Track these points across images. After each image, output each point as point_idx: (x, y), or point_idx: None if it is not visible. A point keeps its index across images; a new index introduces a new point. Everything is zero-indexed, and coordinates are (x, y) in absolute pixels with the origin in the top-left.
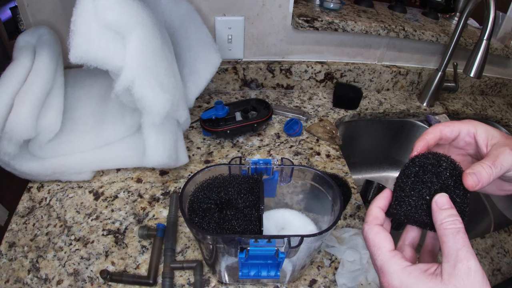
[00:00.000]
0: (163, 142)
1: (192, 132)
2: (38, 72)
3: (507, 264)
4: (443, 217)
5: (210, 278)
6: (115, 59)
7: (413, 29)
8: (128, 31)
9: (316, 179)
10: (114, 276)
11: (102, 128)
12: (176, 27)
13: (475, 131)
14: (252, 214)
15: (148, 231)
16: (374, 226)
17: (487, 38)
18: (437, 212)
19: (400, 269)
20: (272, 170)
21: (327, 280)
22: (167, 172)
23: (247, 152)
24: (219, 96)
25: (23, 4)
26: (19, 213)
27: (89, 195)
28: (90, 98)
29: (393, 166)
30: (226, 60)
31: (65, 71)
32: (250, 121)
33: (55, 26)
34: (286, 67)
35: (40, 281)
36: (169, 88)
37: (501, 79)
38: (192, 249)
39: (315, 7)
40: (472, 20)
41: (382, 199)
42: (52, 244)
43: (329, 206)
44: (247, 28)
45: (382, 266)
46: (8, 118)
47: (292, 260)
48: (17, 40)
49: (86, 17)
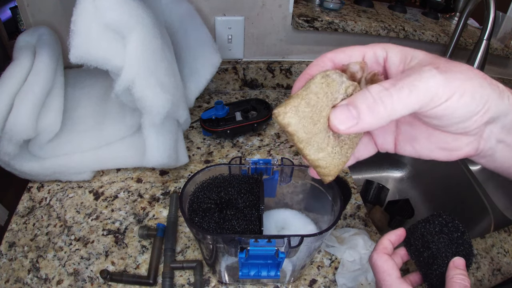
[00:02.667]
0: (163, 142)
1: (192, 132)
2: (38, 72)
3: (507, 264)
4: (455, 273)
5: (210, 278)
6: (115, 59)
7: (413, 29)
8: (128, 31)
9: (316, 179)
10: (114, 276)
11: (102, 128)
12: (176, 27)
13: (384, 55)
14: (252, 214)
15: (148, 231)
16: (383, 254)
17: (487, 38)
18: (452, 269)
19: None
20: (272, 170)
21: (327, 280)
22: (167, 172)
23: (247, 152)
24: (219, 96)
25: (23, 4)
26: (19, 213)
27: (89, 195)
28: (90, 98)
29: (393, 166)
30: (226, 60)
31: (65, 71)
32: (250, 121)
33: (55, 26)
34: (286, 67)
35: (40, 281)
36: (169, 88)
37: (501, 79)
38: (192, 249)
39: (315, 7)
40: (472, 20)
41: (394, 235)
42: (52, 244)
43: (329, 206)
44: (247, 28)
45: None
46: (8, 118)
47: (292, 260)
48: (17, 40)
49: (86, 17)
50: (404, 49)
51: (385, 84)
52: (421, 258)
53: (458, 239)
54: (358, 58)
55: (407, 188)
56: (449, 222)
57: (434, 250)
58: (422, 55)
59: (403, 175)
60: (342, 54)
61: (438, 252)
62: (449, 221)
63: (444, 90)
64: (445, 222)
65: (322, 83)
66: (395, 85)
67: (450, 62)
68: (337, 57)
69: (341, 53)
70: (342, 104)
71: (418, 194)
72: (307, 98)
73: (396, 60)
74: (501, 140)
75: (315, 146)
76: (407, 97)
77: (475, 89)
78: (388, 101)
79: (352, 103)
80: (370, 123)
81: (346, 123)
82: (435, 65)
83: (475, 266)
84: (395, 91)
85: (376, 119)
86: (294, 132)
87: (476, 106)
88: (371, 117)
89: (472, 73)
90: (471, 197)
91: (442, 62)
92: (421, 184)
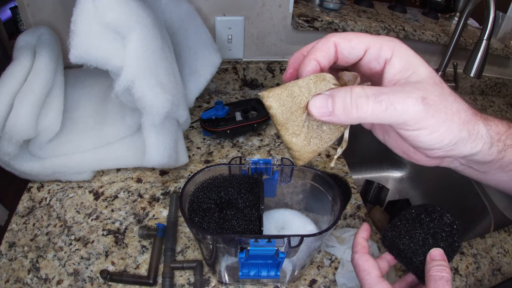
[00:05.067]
0: (163, 142)
1: (192, 132)
2: (38, 72)
3: (507, 264)
4: (431, 266)
5: (210, 278)
6: (115, 59)
7: (413, 29)
8: (128, 31)
9: (316, 179)
10: (114, 276)
11: (102, 128)
12: (176, 27)
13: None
14: (252, 214)
15: (148, 231)
16: (363, 254)
17: (487, 38)
18: (429, 263)
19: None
20: (272, 170)
21: (327, 280)
22: (167, 172)
23: (247, 152)
24: (219, 96)
25: (23, 4)
26: (19, 213)
27: (89, 195)
28: (90, 98)
29: (393, 166)
30: (226, 60)
31: (65, 71)
32: (250, 121)
33: (55, 26)
34: (286, 67)
35: (40, 281)
36: (169, 88)
37: (501, 79)
38: (192, 249)
39: (315, 7)
40: (472, 20)
41: (364, 232)
42: (52, 244)
43: (329, 206)
44: (247, 28)
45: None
46: (8, 118)
47: (292, 260)
48: (17, 40)
49: (86, 17)
50: (411, 59)
51: (368, 91)
52: (403, 260)
53: (437, 227)
54: (360, 52)
55: (407, 188)
56: (421, 214)
57: (408, 252)
58: (425, 76)
59: (403, 175)
60: (347, 44)
61: (413, 252)
62: (421, 212)
63: (419, 122)
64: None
65: (311, 80)
66: (376, 97)
67: (444, 96)
68: (340, 45)
69: (346, 41)
70: (325, 93)
71: (418, 194)
72: (290, 90)
73: (397, 67)
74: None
75: (290, 130)
76: (381, 112)
77: (450, 131)
78: (363, 108)
79: (332, 96)
80: (340, 120)
81: (319, 110)
82: (425, 96)
83: (475, 266)
84: (373, 102)
85: (346, 118)
86: (274, 114)
87: (441, 144)
88: (342, 115)
89: (457, 117)
90: (471, 197)
91: (436, 94)
92: (421, 184)
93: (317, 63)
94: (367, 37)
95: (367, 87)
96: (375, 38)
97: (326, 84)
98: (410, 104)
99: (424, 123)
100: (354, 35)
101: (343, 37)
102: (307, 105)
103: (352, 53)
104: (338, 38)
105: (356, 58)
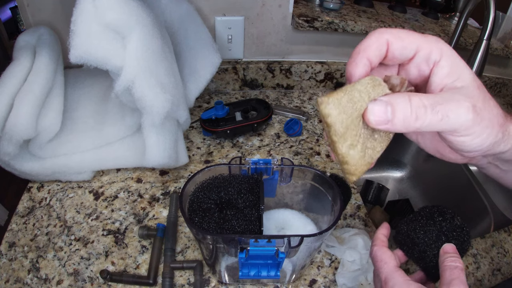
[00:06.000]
0: (163, 142)
1: (192, 132)
2: (38, 72)
3: (507, 264)
4: (445, 257)
5: (210, 278)
6: (115, 59)
7: (413, 29)
8: (128, 31)
9: (316, 179)
10: (114, 276)
11: (102, 128)
12: (176, 27)
13: (437, 60)
14: (252, 214)
15: (148, 231)
16: (382, 246)
17: (487, 38)
18: (442, 255)
19: (402, 281)
20: (272, 170)
21: (327, 280)
22: (167, 172)
23: (247, 152)
24: (219, 96)
25: (23, 4)
26: (19, 213)
27: (89, 195)
28: (90, 98)
29: (393, 166)
30: (226, 60)
31: (65, 71)
32: (250, 121)
33: (55, 26)
34: (286, 67)
35: (40, 281)
36: (169, 88)
37: (501, 79)
38: (192, 249)
39: (315, 7)
40: (472, 20)
41: (385, 229)
42: (52, 244)
43: (329, 206)
44: (247, 28)
45: (387, 277)
46: (8, 118)
47: (292, 260)
48: (17, 40)
49: (86, 17)
50: (456, 62)
51: (425, 101)
52: (415, 255)
53: (449, 227)
54: (411, 52)
55: (407, 188)
56: (434, 213)
57: (422, 245)
58: (469, 81)
59: (403, 175)
60: (399, 43)
61: (427, 245)
62: (434, 212)
63: (467, 129)
64: (430, 214)
65: (368, 83)
66: (433, 108)
67: (487, 101)
68: (393, 44)
69: (398, 40)
70: (382, 99)
71: (418, 194)
72: (350, 94)
73: (445, 71)
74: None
75: (348, 141)
76: (437, 122)
77: (490, 136)
78: (422, 118)
79: (392, 104)
80: (396, 128)
81: (378, 118)
82: (474, 104)
83: (475, 266)
84: (431, 113)
85: (405, 128)
86: (333, 124)
87: (482, 147)
88: (401, 125)
89: (496, 121)
90: (471, 197)
91: (481, 99)
92: (421, 184)
93: (369, 63)
94: (417, 36)
95: (423, 96)
96: (424, 38)
97: (383, 89)
98: (462, 113)
99: (471, 130)
100: (405, 34)
101: (395, 35)
102: (364, 112)
103: (403, 53)
104: (391, 36)
105: (405, 59)
